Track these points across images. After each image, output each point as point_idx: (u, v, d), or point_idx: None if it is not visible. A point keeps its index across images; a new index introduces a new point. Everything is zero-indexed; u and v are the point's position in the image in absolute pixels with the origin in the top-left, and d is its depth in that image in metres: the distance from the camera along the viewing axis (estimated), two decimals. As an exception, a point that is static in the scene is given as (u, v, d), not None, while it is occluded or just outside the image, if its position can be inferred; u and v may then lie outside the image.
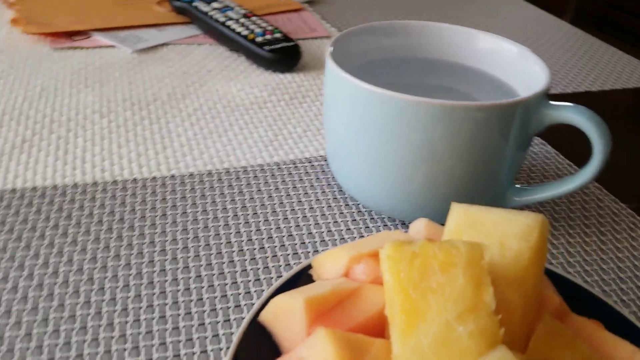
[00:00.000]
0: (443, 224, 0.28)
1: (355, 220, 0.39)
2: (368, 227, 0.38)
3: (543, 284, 0.27)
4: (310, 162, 0.45)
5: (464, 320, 0.20)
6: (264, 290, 0.33)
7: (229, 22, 0.61)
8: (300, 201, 0.40)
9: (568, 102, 0.36)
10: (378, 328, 0.25)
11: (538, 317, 0.24)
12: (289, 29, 0.69)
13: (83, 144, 0.45)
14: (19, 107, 0.50)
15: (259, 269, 0.34)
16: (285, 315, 0.25)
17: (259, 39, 0.58)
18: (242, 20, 0.62)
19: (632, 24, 0.98)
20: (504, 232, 0.24)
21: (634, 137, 0.52)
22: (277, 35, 0.60)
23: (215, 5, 0.64)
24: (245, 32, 0.59)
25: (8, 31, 0.65)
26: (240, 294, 0.32)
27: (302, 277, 0.30)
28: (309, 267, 0.30)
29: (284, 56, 0.58)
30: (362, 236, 0.37)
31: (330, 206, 0.40)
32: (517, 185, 0.39)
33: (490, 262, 0.24)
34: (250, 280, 0.33)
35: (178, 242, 0.36)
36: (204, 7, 0.63)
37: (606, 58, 0.72)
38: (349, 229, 0.38)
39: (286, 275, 0.29)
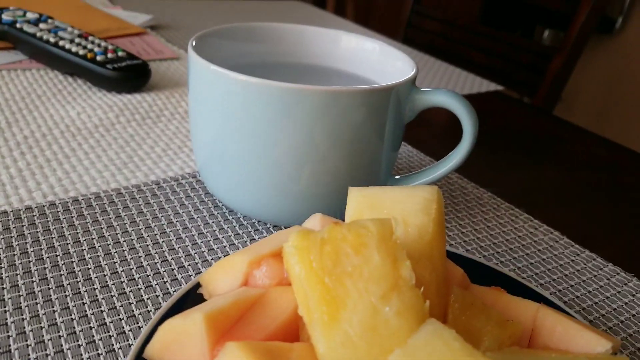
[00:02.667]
0: (336, 218, 0.26)
1: (238, 234, 0.34)
2: (254, 238, 0.34)
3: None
4: (176, 180, 0.39)
5: (388, 299, 0.19)
6: (141, 328, 0.26)
7: (62, 42, 0.53)
8: (172, 222, 0.35)
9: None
10: (293, 334, 0.21)
11: (447, 289, 0.23)
12: (132, 52, 0.63)
13: None
14: None
15: (131, 303, 0.28)
16: (180, 342, 0.20)
17: (100, 58, 0.51)
18: (78, 40, 0.54)
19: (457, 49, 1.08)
20: (404, 209, 0.23)
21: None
22: (121, 53, 0.54)
23: (43, 26, 0.56)
24: (82, 52, 0.52)
25: None
26: (111, 336, 0.26)
27: (189, 300, 0.24)
28: (197, 286, 0.25)
29: (130, 75, 0.52)
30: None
31: (207, 223, 0.35)
32: (396, 177, 0.38)
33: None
34: (121, 319, 0.27)
35: (20, 289, 0.28)
36: (30, 29, 0.55)
37: (441, 72, 0.77)
38: (233, 243, 0.33)
39: (171, 299, 0.24)
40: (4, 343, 0.25)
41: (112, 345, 0.25)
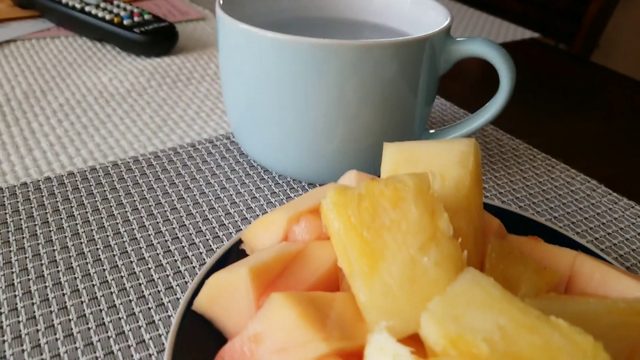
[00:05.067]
0: (370, 174, 0.26)
1: (274, 192, 0.35)
2: (290, 196, 0.35)
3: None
4: (211, 142, 0.40)
5: (426, 250, 0.19)
6: (187, 283, 0.28)
7: (88, 8, 0.53)
8: (210, 182, 0.35)
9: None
10: (333, 285, 0.22)
11: (484, 240, 0.23)
12: (158, 14, 0.63)
13: None
14: None
15: (176, 260, 0.29)
16: (226, 295, 0.20)
17: (127, 22, 0.52)
18: (103, 4, 0.54)
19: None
20: (440, 163, 0.23)
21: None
22: (147, 16, 0.54)
23: (67, -8, 0.56)
24: (109, 17, 0.52)
25: None
26: (159, 291, 0.27)
27: (233, 255, 0.25)
28: (239, 242, 0.26)
29: (158, 38, 0.52)
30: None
31: (244, 182, 0.36)
32: (430, 131, 0.38)
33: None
34: (168, 275, 0.28)
35: (70, 250, 0.29)
36: (55, -4, 0.55)
37: (473, 20, 0.74)
38: (270, 201, 0.34)
39: (215, 255, 0.24)
40: (60, 300, 0.26)
41: (161, 299, 0.26)
